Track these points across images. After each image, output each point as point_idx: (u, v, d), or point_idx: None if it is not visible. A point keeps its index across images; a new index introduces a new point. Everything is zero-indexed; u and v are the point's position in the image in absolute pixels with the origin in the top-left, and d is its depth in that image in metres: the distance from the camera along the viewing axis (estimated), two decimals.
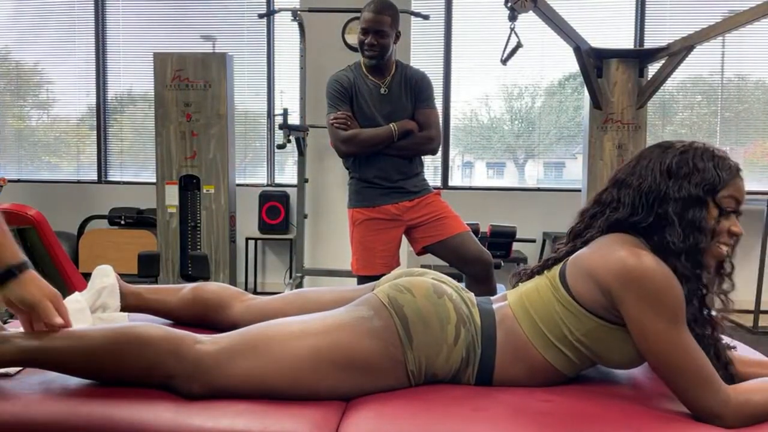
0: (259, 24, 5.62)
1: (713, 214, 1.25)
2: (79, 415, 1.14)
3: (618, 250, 1.21)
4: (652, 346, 1.17)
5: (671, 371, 1.17)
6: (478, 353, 1.31)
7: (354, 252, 2.84)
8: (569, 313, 1.28)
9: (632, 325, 1.19)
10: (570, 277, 1.29)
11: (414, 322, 1.28)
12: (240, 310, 1.58)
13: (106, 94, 5.87)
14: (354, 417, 1.18)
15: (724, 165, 1.26)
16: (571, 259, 1.32)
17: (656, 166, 1.28)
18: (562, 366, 1.31)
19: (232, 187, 4.72)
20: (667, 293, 1.16)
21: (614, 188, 1.34)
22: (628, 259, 1.18)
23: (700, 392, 1.14)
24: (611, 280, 1.20)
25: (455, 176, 5.79)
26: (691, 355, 1.16)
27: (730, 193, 1.25)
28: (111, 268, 1.60)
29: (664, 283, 1.16)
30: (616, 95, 3.98)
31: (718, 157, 1.27)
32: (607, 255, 1.23)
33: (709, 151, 1.27)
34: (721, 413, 1.13)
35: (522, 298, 1.36)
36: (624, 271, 1.18)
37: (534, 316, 1.32)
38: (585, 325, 1.27)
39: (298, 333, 1.26)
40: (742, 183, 1.27)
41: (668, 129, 5.63)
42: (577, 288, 1.27)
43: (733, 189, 1.25)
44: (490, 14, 5.31)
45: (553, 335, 1.29)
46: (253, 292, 4.77)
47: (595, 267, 1.24)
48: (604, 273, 1.21)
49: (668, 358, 1.16)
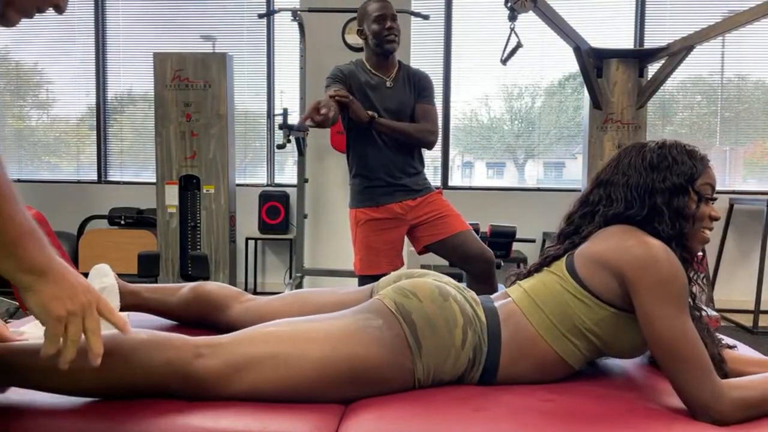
0: (259, 24, 5.62)
1: (694, 201, 1.34)
2: (75, 412, 1.13)
3: (629, 239, 1.27)
4: (658, 331, 1.20)
5: (672, 357, 1.18)
6: (484, 352, 1.31)
7: (357, 252, 2.84)
8: (581, 303, 1.31)
9: (641, 309, 1.23)
10: (581, 269, 1.33)
11: (422, 328, 1.27)
12: (239, 310, 1.57)
13: (106, 94, 5.87)
14: (354, 418, 1.18)
15: (696, 156, 1.36)
16: (578, 252, 1.36)
17: (638, 162, 1.36)
18: (570, 357, 1.33)
19: (232, 187, 4.72)
20: (676, 280, 1.21)
21: (599, 188, 1.41)
22: (639, 247, 1.24)
23: (697, 382, 1.16)
24: (625, 266, 1.24)
25: (455, 176, 5.79)
26: (692, 343, 1.18)
27: (705, 180, 1.35)
28: (109, 267, 1.59)
29: (673, 270, 1.21)
30: (616, 95, 3.98)
31: (690, 150, 1.38)
32: (619, 243, 1.28)
33: (681, 145, 1.38)
34: (714, 405, 1.14)
35: (527, 294, 1.37)
36: (637, 258, 1.23)
37: (543, 309, 1.34)
38: (597, 314, 1.30)
39: (305, 347, 1.21)
40: (712, 172, 1.38)
41: (668, 129, 5.63)
42: (589, 278, 1.31)
43: (708, 177, 1.35)
44: (490, 14, 5.31)
45: (564, 327, 1.32)
46: (253, 292, 4.77)
47: (608, 256, 1.28)
48: (617, 261, 1.26)
49: (672, 344, 1.18)
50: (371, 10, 2.77)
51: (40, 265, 1.01)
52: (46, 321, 1.02)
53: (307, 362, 1.20)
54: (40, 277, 1.01)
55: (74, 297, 1.03)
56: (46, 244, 1.03)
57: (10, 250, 0.97)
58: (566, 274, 1.35)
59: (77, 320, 1.03)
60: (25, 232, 0.99)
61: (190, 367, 1.17)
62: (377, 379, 1.24)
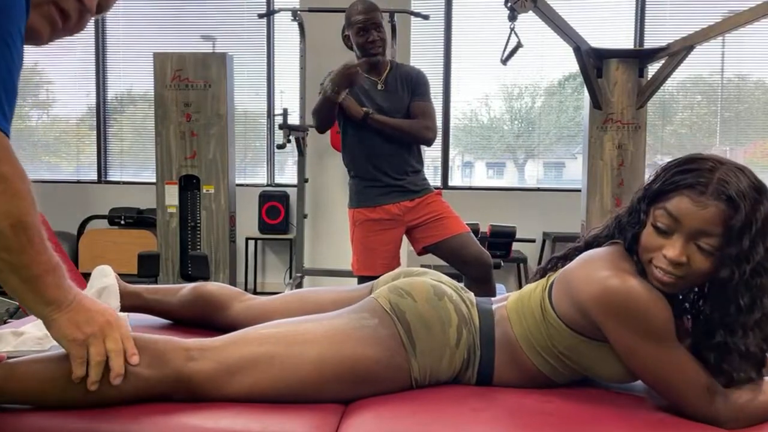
0: (259, 24, 5.62)
1: (644, 223, 1.17)
2: (73, 413, 1.13)
3: (600, 269, 1.15)
4: (642, 365, 1.15)
5: (662, 385, 1.16)
6: (478, 355, 1.31)
7: (355, 252, 2.84)
8: (551, 326, 1.25)
9: (618, 346, 1.16)
10: (555, 293, 1.26)
11: (416, 327, 1.27)
12: (239, 310, 1.57)
13: (106, 94, 5.87)
14: (354, 418, 1.18)
15: (676, 176, 1.13)
16: (558, 274, 1.28)
17: None
18: (550, 373, 1.29)
19: (232, 187, 4.72)
20: (649, 315, 1.10)
21: None
22: (608, 281, 1.12)
23: (695, 402, 1.13)
24: (591, 304, 1.15)
25: (455, 176, 5.79)
26: (683, 369, 1.13)
27: (665, 205, 1.12)
28: (110, 268, 1.59)
29: (645, 305, 1.10)
30: (616, 95, 3.97)
31: (687, 168, 1.13)
32: (589, 274, 1.17)
33: (687, 157, 1.15)
34: (719, 419, 1.13)
35: (518, 302, 1.34)
36: (604, 295, 1.12)
37: (524, 323, 1.30)
38: (566, 339, 1.24)
39: (301, 347, 1.20)
40: (687, 203, 1.09)
41: (668, 129, 5.63)
42: (559, 305, 1.24)
43: (672, 204, 1.11)
44: (490, 14, 5.30)
45: (539, 345, 1.28)
46: (253, 292, 4.77)
47: (576, 286, 1.19)
48: (584, 296, 1.16)
49: (658, 374, 1.14)
50: (354, 20, 2.75)
51: (57, 298, 1.07)
52: (68, 347, 1.08)
53: (303, 363, 1.19)
54: (57, 308, 1.07)
55: (91, 320, 1.09)
56: (64, 278, 1.08)
57: (32, 286, 1.03)
58: (546, 293, 1.28)
59: (98, 342, 1.09)
60: (48, 270, 1.05)
61: (183, 369, 1.16)
62: (373, 379, 1.24)
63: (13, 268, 1.01)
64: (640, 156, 3.99)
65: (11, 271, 1.01)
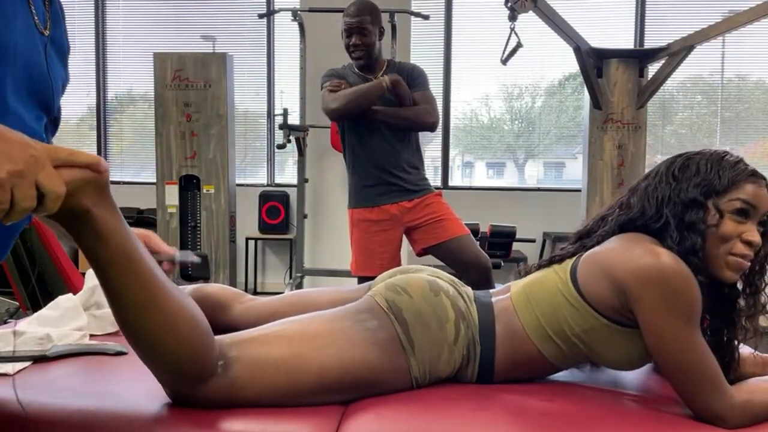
0: (259, 24, 5.62)
1: (714, 218, 1.22)
2: (72, 412, 1.13)
3: (636, 248, 1.21)
4: (666, 345, 1.17)
5: (681, 372, 1.16)
6: (478, 351, 1.31)
7: (353, 253, 2.84)
8: (573, 308, 1.27)
9: (646, 324, 1.18)
10: (581, 274, 1.28)
11: (413, 325, 1.27)
12: (239, 311, 1.57)
13: (106, 94, 5.87)
14: (353, 419, 1.18)
15: (727, 168, 1.24)
16: (585, 256, 1.31)
17: (665, 170, 1.30)
18: (555, 359, 1.31)
19: (232, 187, 4.72)
20: (685, 293, 1.15)
21: (629, 193, 1.36)
22: (646, 257, 1.18)
23: (708, 395, 1.14)
24: (629, 278, 1.19)
25: (455, 176, 5.79)
26: (702, 357, 1.15)
27: (736, 196, 1.22)
28: None
29: (682, 282, 1.15)
30: (616, 95, 3.97)
31: (726, 160, 1.25)
32: (625, 252, 1.22)
33: (719, 155, 1.26)
34: (724, 415, 1.13)
35: (525, 290, 1.35)
36: (642, 270, 1.17)
37: (535, 309, 1.31)
38: (588, 322, 1.26)
39: (304, 358, 1.20)
40: (756, 188, 1.23)
41: (668, 129, 5.64)
42: (587, 285, 1.26)
43: (742, 192, 1.22)
44: (490, 14, 5.31)
45: (551, 329, 1.29)
46: (253, 292, 4.77)
47: (612, 264, 1.23)
48: (621, 271, 1.20)
49: (680, 358, 1.15)
50: (343, 21, 2.76)
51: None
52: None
53: (310, 376, 1.19)
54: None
55: (11, 155, 0.79)
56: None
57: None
58: (567, 276, 1.31)
59: (24, 182, 0.80)
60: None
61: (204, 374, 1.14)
62: (374, 383, 1.24)
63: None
64: (640, 156, 4.00)
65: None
